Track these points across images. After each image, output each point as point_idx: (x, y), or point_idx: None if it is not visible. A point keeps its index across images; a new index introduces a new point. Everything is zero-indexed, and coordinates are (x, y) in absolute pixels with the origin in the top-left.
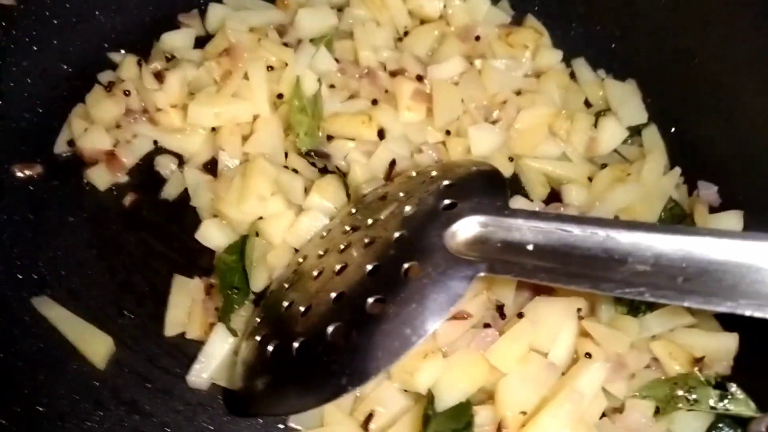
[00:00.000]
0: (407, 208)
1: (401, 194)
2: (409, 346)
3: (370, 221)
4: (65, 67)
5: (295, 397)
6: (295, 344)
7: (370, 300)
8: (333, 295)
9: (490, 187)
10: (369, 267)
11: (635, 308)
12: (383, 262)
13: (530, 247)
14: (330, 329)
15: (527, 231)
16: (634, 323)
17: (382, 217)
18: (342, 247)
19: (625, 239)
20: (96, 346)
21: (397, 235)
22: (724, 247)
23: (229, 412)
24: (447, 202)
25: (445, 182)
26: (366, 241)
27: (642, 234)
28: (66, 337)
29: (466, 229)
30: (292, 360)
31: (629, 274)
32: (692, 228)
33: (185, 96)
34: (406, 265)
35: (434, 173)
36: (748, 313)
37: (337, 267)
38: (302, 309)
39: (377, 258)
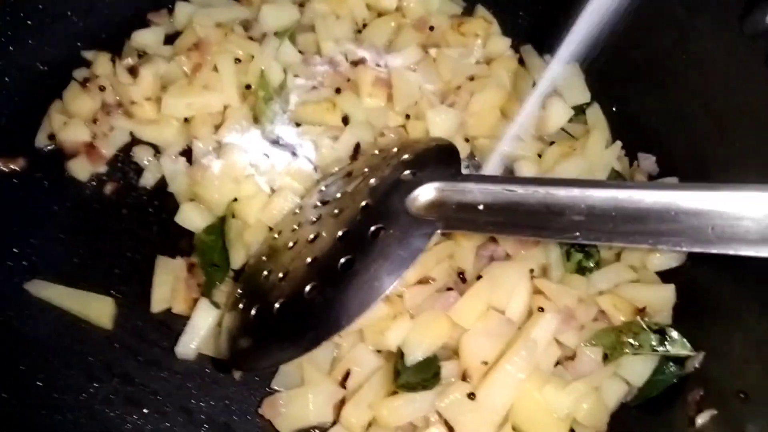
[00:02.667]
0: (372, 181)
1: (366, 169)
2: (378, 296)
3: (338, 195)
4: (41, 66)
5: (278, 350)
6: (276, 305)
7: (342, 260)
8: (308, 260)
9: (444, 158)
10: (339, 233)
11: (582, 268)
12: (351, 227)
13: (481, 207)
14: (306, 288)
15: (478, 192)
16: (582, 281)
17: (349, 191)
18: (313, 219)
19: (562, 194)
20: (99, 308)
21: (363, 203)
22: (646, 195)
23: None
24: (407, 172)
25: (405, 156)
26: (335, 212)
27: (576, 189)
28: (68, 309)
29: (424, 194)
30: (273, 319)
31: (567, 223)
32: (619, 182)
33: (158, 89)
34: (372, 228)
35: (395, 149)
36: (665, 248)
37: (311, 236)
38: (280, 275)
39: (346, 225)
